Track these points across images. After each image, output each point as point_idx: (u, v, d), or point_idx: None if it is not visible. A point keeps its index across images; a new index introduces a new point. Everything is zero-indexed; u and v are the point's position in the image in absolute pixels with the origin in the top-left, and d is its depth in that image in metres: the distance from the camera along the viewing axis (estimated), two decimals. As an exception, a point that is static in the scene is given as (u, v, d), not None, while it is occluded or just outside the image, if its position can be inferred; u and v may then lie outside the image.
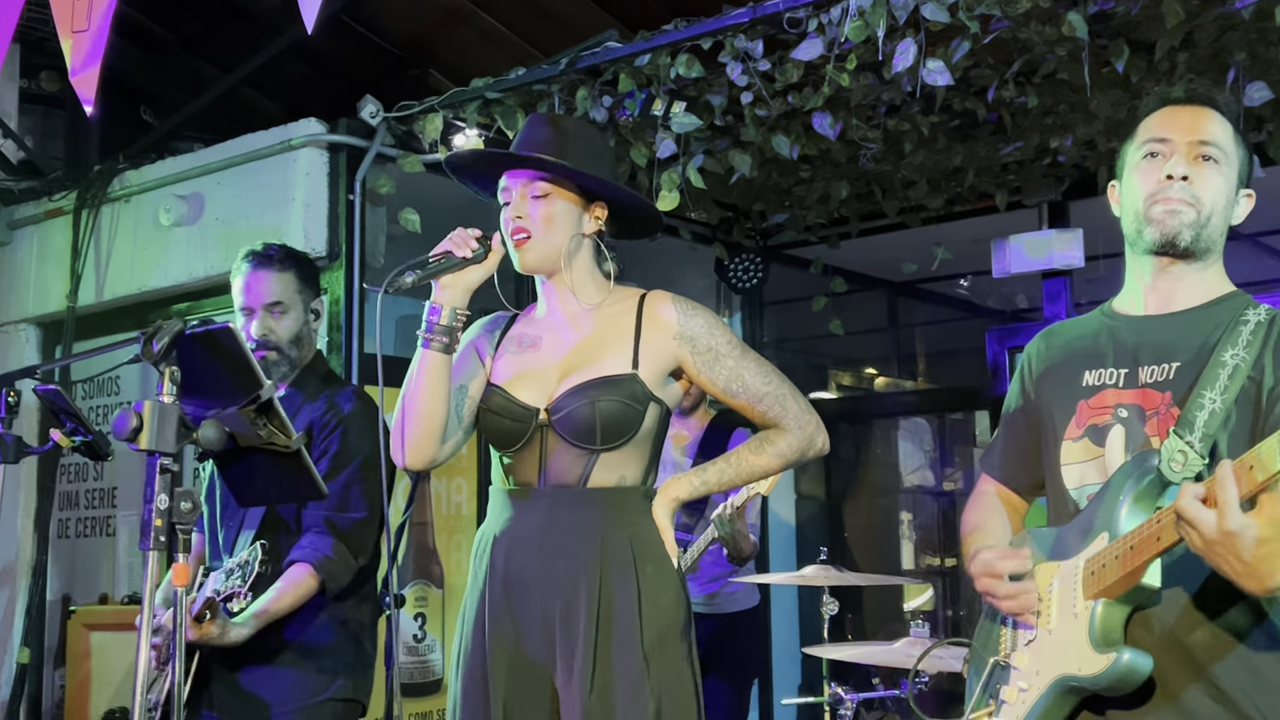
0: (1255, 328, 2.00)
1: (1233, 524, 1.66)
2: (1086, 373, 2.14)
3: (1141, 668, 1.88)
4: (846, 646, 4.02)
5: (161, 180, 5.36)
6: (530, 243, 2.53)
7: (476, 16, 5.97)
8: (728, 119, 4.65)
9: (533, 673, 2.47)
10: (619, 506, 2.50)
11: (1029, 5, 3.75)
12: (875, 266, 7.21)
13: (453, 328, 2.49)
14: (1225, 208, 2.08)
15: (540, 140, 2.57)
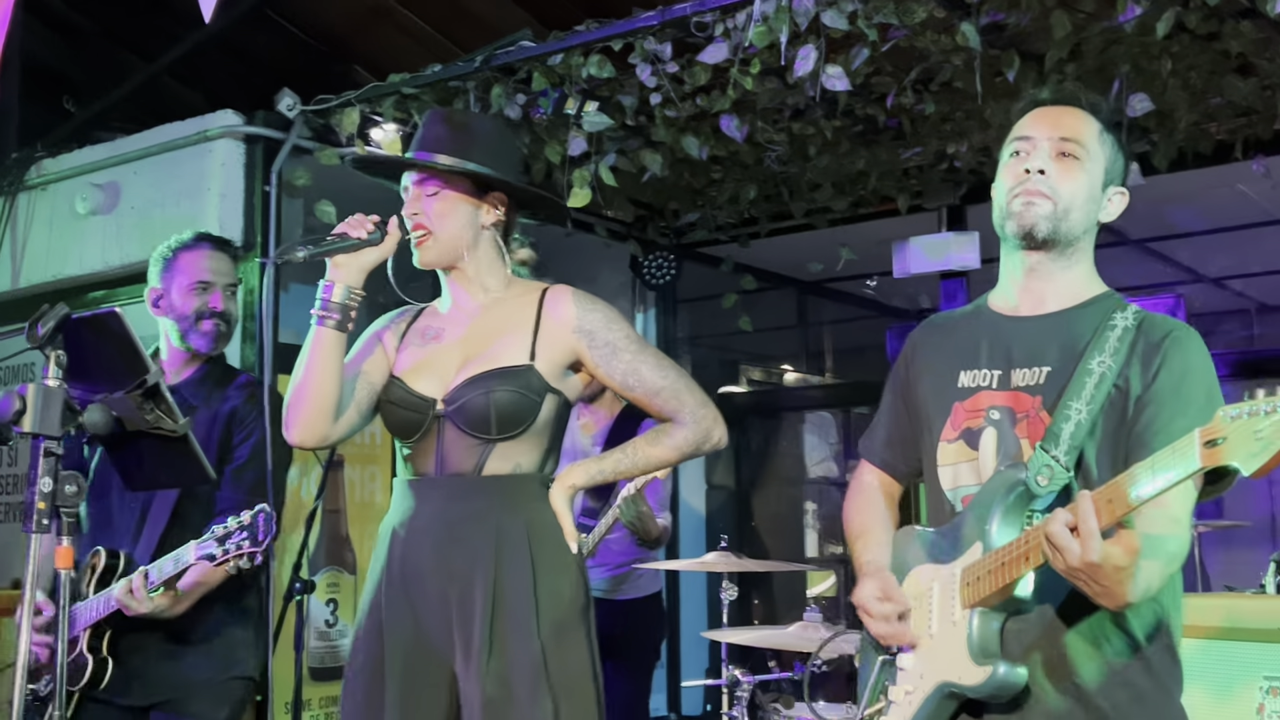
0: (1123, 333, 1.99)
1: (1094, 555, 1.70)
2: (962, 373, 2.13)
3: (1017, 680, 1.91)
4: (743, 631, 4.03)
5: (79, 169, 5.26)
6: (428, 240, 2.51)
7: (397, 13, 5.90)
8: (639, 119, 4.64)
9: (432, 661, 2.43)
10: (514, 494, 2.46)
11: (924, 15, 3.78)
12: (784, 265, 7.25)
13: (346, 305, 2.44)
14: (1086, 202, 2.07)
15: (434, 138, 2.55)
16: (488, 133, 2.64)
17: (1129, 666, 1.94)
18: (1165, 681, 1.97)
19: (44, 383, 1.82)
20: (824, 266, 6.47)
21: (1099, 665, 1.94)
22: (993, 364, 2.10)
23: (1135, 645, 1.95)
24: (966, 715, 2.02)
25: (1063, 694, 1.94)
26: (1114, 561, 1.70)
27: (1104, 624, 1.94)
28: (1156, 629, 1.97)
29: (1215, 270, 7.57)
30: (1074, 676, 1.94)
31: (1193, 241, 6.87)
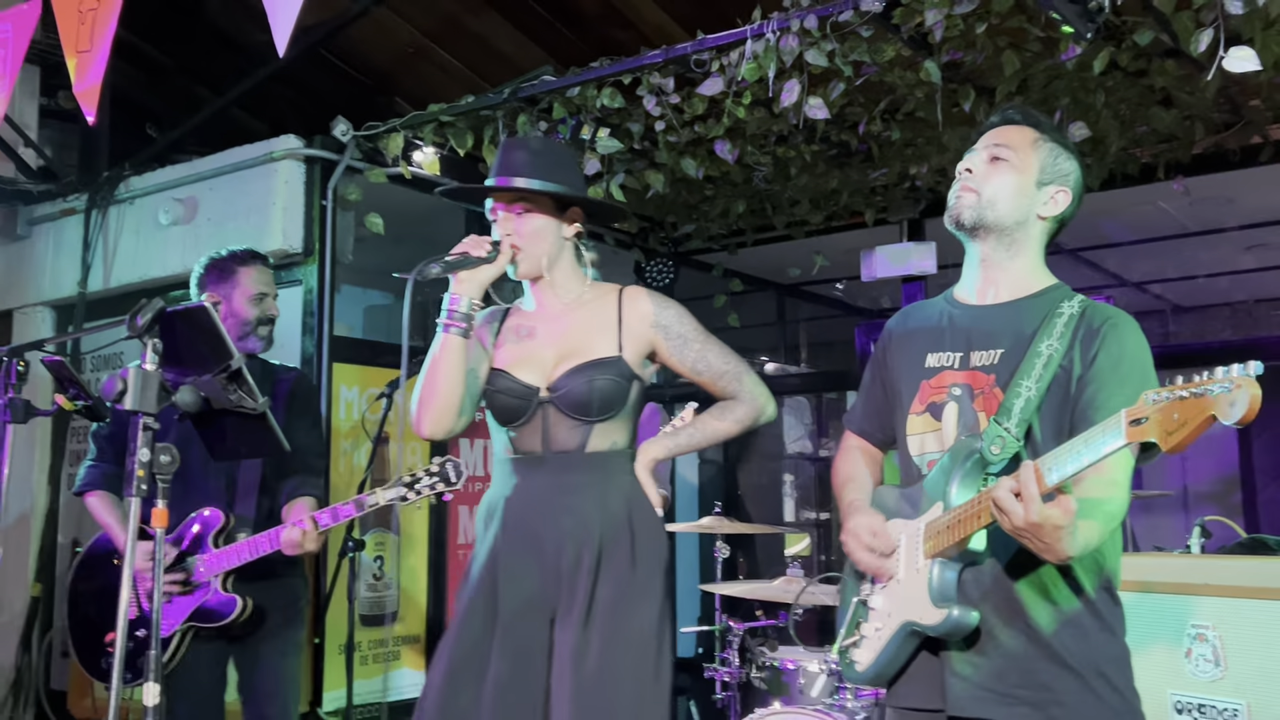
0: (1068, 320, 1.98)
1: (1035, 516, 1.72)
2: (929, 355, 2.13)
3: (969, 621, 1.91)
4: (735, 584, 4.02)
5: (161, 185, 5.24)
6: (521, 255, 2.53)
7: (435, 52, 5.89)
8: (644, 144, 4.62)
9: (537, 610, 2.43)
10: (613, 467, 2.50)
11: (893, 54, 3.76)
12: (766, 271, 7.23)
13: (469, 315, 2.46)
14: (1015, 195, 2.07)
15: (515, 163, 2.54)
16: (558, 154, 2.65)
17: (1076, 611, 1.94)
18: (1109, 622, 1.97)
19: (143, 366, 1.81)
20: (801, 271, 6.45)
21: (1049, 610, 1.94)
22: (954, 347, 2.10)
23: (1081, 592, 1.95)
24: (927, 652, 2.03)
25: (1017, 634, 1.94)
26: (1053, 521, 1.71)
27: (1052, 574, 1.94)
28: (1099, 577, 1.97)
29: (1137, 276, 7.55)
30: (1027, 620, 1.94)
31: (1119, 251, 6.85)
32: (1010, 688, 1.92)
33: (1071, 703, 1.90)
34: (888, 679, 2.09)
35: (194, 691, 3.20)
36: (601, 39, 5.16)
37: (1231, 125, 4.61)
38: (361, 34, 5.74)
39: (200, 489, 3.23)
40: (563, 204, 2.58)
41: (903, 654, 2.04)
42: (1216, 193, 5.47)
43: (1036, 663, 1.92)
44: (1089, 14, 3.27)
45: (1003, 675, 1.93)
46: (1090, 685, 1.91)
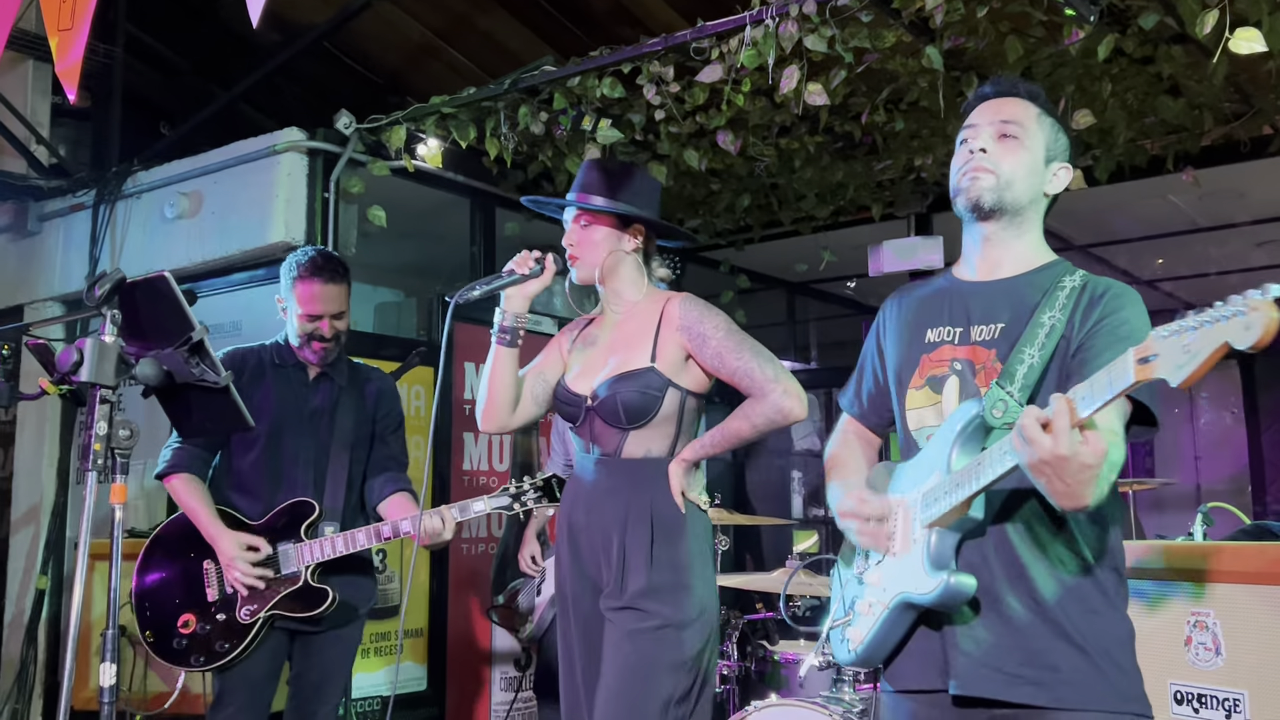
0: (1070, 292, 1.91)
1: (1064, 448, 1.57)
2: (929, 330, 2.05)
3: (966, 587, 1.81)
4: (734, 575, 3.92)
5: (167, 180, 5.20)
6: (577, 263, 2.69)
7: (441, 49, 5.84)
8: (646, 135, 4.55)
9: (590, 587, 2.62)
10: (643, 474, 2.59)
11: (894, 40, 3.67)
12: (774, 268, 7.14)
13: (515, 329, 2.65)
14: (1028, 175, 1.99)
15: (590, 182, 2.71)
16: (631, 176, 2.74)
17: (1081, 583, 1.85)
18: (1114, 598, 1.88)
19: (100, 338, 1.74)
20: (808, 267, 6.36)
21: (1055, 582, 1.85)
22: (954, 322, 2.02)
23: (1086, 565, 1.86)
24: (926, 627, 1.93)
25: (1022, 605, 1.85)
26: (1082, 459, 1.58)
27: (1057, 545, 1.86)
28: (1104, 551, 1.89)
29: (1148, 273, 7.42)
30: (1033, 591, 1.85)
31: (1130, 247, 6.73)
32: (1016, 666, 1.83)
33: (1079, 681, 1.80)
34: (880, 659, 2.00)
35: (253, 680, 3.17)
36: (609, 36, 5.08)
37: (1241, 115, 4.49)
38: (371, 31, 5.70)
39: (290, 479, 3.24)
40: (625, 220, 2.70)
41: (898, 630, 1.94)
42: (1227, 186, 5.34)
43: (1042, 640, 1.83)
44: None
45: (1008, 652, 1.84)
46: (1098, 664, 1.81)
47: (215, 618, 3.14)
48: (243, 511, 3.21)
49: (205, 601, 3.16)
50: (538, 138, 4.51)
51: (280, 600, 3.14)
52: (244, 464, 3.23)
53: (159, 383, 1.79)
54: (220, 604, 3.15)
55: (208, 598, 3.16)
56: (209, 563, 3.18)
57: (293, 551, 3.17)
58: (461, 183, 5.34)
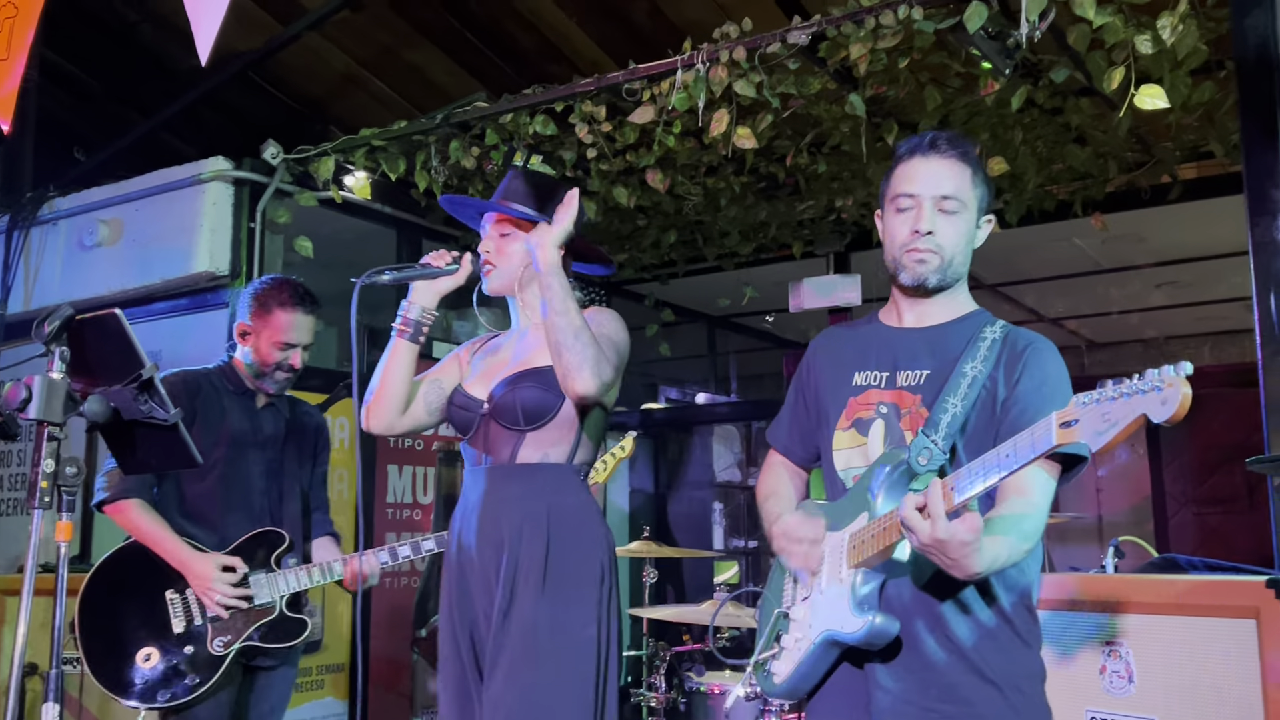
0: (992, 344, 1.99)
1: (941, 533, 1.69)
2: (856, 373, 2.11)
3: (889, 629, 1.89)
4: (662, 608, 3.97)
5: (86, 207, 5.11)
6: (494, 272, 2.59)
7: (369, 81, 5.84)
8: (577, 172, 4.61)
9: (476, 607, 2.48)
10: (541, 480, 2.47)
11: (819, 86, 3.79)
12: (697, 302, 7.24)
13: (420, 322, 2.55)
14: (966, 245, 2.06)
15: (513, 190, 2.60)
16: (555, 191, 2.62)
17: (996, 627, 1.94)
18: (1026, 638, 1.97)
19: (49, 375, 1.73)
20: (730, 302, 6.47)
21: (970, 626, 1.93)
22: (881, 366, 2.09)
23: (1001, 610, 1.94)
24: (849, 664, 2.00)
25: (940, 647, 1.93)
26: (959, 538, 1.69)
27: (973, 592, 1.93)
28: (1018, 593, 1.97)
29: (1054, 312, 7.69)
30: (949, 634, 1.93)
31: (1037, 286, 6.97)
32: (932, 701, 1.91)
33: (989, 714, 1.89)
34: (804, 692, 2.06)
35: (214, 713, 3.05)
36: (537, 73, 5.14)
37: (1143, 164, 4.72)
38: (296, 61, 5.68)
39: (247, 508, 3.16)
40: None
41: (821, 666, 2.01)
42: (1129, 230, 5.60)
43: (958, 675, 1.91)
44: (1007, 51, 3.32)
45: (925, 688, 1.92)
46: (1008, 698, 1.90)
47: (183, 650, 3.00)
48: (198, 540, 3.08)
49: (170, 634, 3.02)
50: (468, 172, 4.55)
51: (254, 631, 3.05)
52: (197, 491, 3.12)
53: (106, 420, 1.79)
54: (188, 635, 3.02)
55: (173, 629, 3.02)
56: (172, 592, 3.05)
57: (265, 581, 3.08)
58: (389, 214, 5.34)
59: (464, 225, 5.47)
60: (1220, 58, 3.65)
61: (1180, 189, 4.85)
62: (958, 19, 3.25)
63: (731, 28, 3.68)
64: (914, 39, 3.44)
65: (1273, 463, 2.32)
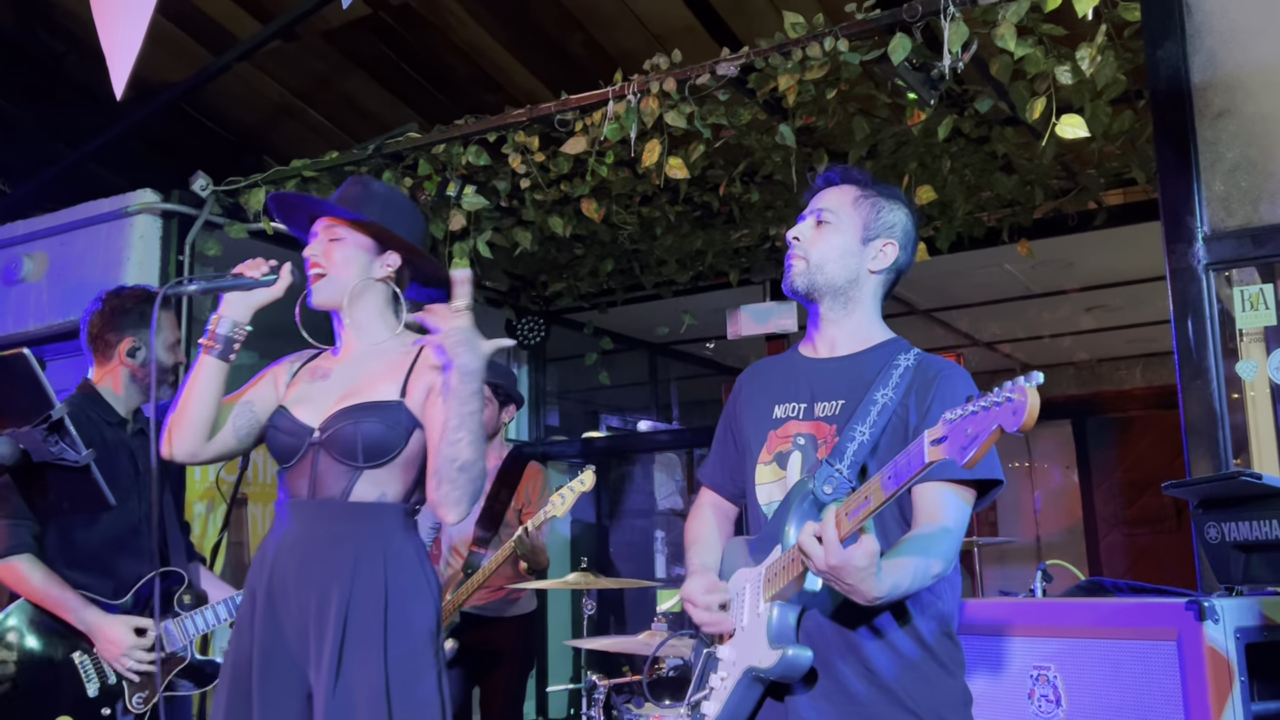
0: (904, 371, 2.01)
1: (835, 559, 1.70)
2: (776, 406, 2.13)
3: (803, 660, 1.89)
4: (599, 640, 3.94)
5: (10, 240, 4.99)
6: (322, 280, 2.37)
7: (304, 112, 5.80)
8: (512, 201, 4.60)
9: (290, 667, 2.23)
10: (377, 521, 2.28)
11: (749, 117, 3.83)
12: (637, 330, 7.25)
13: (231, 338, 2.31)
14: (841, 256, 2.09)
15: (350, 196, 2.43)
16: (398, 203, 2.49)
17: (916, 657, 1.94)
18: (949, 665, 1.98)
19: (-48, 418, 1.67)
20: (670, 330, 6.49)
21: (889, 656, 1.94)
22: (799, 398, 2.11)
23: (920, 638, 1.95)
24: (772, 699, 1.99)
25: (858, 678, 1.93)
26: (854, 564, 1.69)
27: (889, 619, 1.94)
28: (937, 621, 1.98)
29: (987, 336, 7.81)
30: (868, 665, 1.93)
31: (970, 311, 7.07)
32: None
33: None
34: None
35: None
36: (471, 102, 5.14)
37: (1068, 191, 4.82)
38: (228, 91, 5.62)
39: (137, 549, 2.99)
40: (381, 246, 2.43)
41: (746, 703, 1.99)
42: (1057, 256, 5.70)
43: (880, 708, 1.91)
44: (931, 82, 3.38)
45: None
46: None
47: (99, 713, 2.85)
48: (92, 590, 2.89)
49: (86, 698, 2.85)
50: (404, 200, 4.52)
51: (171, 680, 2.95)
52: (86, 536, 2.89)
53: (14, 462, 1.74)
54: (104, 697, 2.86)
55: (87, 693, 2.85)
56: (79, 654, 2.87)
57: (174, 627, 2.96)
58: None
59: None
60: (1139, 87, 3.74)
61: (1105, 215, 4.95)
62: (882, 51, 3.30)
63: (661, 59, 3.71)
64: (841, 70, 3.48)
65: (1188, 487, 2.37)
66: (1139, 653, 2.28)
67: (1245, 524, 2.22)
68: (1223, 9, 3.00)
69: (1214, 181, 2.95)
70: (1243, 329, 2.97)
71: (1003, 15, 3.15)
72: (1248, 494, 2.22)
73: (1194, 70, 3.00)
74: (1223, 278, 2.94)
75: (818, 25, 3.45)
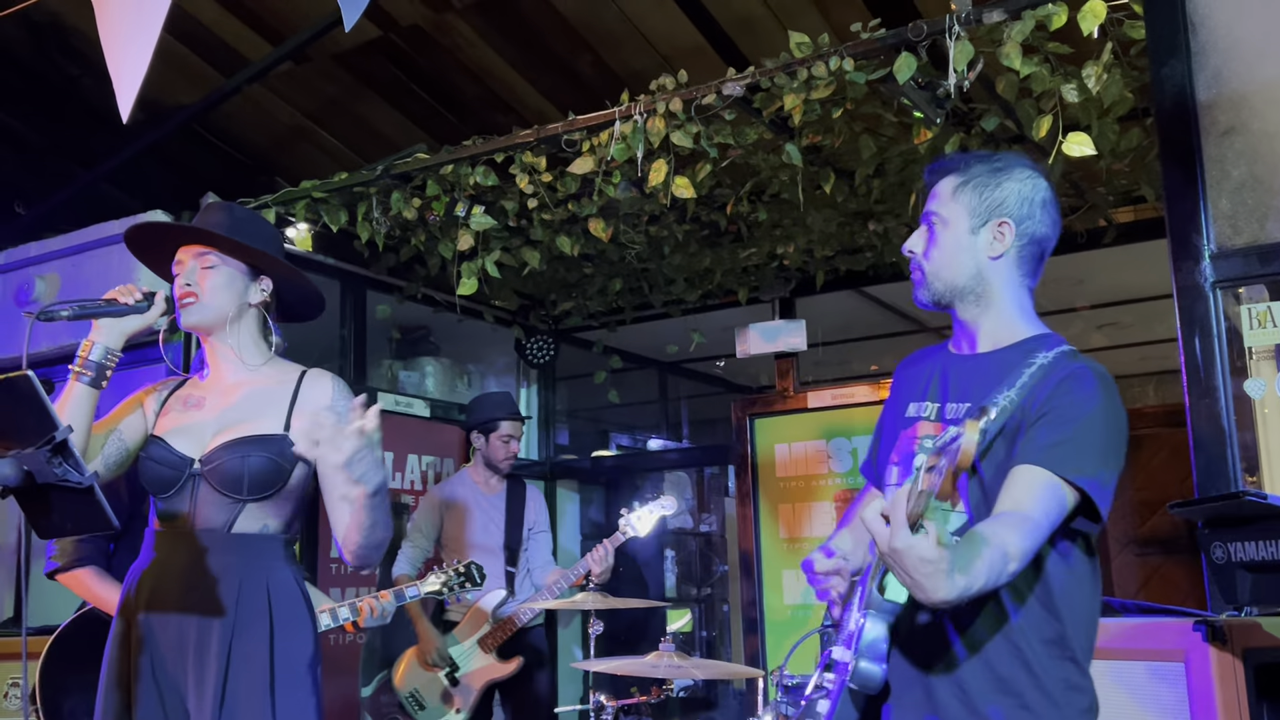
0: (1035, 371, 1.84)
1: (899, 542, 1.52)
2: (912, 404, 2.02)
3: (871, 675, 1.77)
4: (606, 661, 3.92)
5: (23, 261, 5.04)
6: (195, 305, 2.36)
7: (314, 133, 5.84)
8: (520, 222, 4.62)
9: (170, 696, 2.23)
10: (260, 552, 2.29)
11: (756, 137, 3.84)
12: (645, 348, 7.25)
13: (102, 364, 2.28)
14: (953, 254, 1.94)
15: (213, 222, 2.42)
16: (259, 225, 2.49)
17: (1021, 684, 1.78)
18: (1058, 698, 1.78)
19: (-44, 439, 1.69)
20: (679, 348, 6.49)
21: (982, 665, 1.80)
22: (934, 398, 1.98)
23: (1024, 661, 1.78)
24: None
25: (947, 692, 1.82)
26: (919, 552, 1.51)
27: (988, 624, 1.80)
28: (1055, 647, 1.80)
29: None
30: (958, 675, 1.82)
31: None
32: None
33: None
34: None
35: None
36: (481, 122, 5.16)
37: (1077, 209, 4.81)
38: (240, 112, 5.66)
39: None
40: (254, 272, 2.43)
41: (848, 707, 1.87)
42: (1067, 274, 5.68)
43: None
44: (937, 100, 3.38)
45: None
46: None
47: None
48: None
49: None
50: (410, 222, 4.54)
51: None
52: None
53: (19, 483, 1.74)
54: None
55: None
56: None
57: None
58: (331, 265, 5.31)
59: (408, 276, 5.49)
60: (1146, 105, 3.74)
61: (1114, 232, 4.94)
62: (888, 70, 3.31)
63: (668, 79, 3.72)
64: (846, 90, 3.49)
65: (1194, 507, 2.35)
66: (1146, 674, 2.25)
67: (1251, 544, 2.20)
68: (1228, 27, 3.00)
69: (1220, 199, 2.94)
70: (1251, 347, 2.94)
71: (1008, 34, 3.16)
72: (1253, 514, 2.20)
73: (1199, 88, 2.99)
74: (1230, 295, 2.93)
75: (823, 45, 3.45)
